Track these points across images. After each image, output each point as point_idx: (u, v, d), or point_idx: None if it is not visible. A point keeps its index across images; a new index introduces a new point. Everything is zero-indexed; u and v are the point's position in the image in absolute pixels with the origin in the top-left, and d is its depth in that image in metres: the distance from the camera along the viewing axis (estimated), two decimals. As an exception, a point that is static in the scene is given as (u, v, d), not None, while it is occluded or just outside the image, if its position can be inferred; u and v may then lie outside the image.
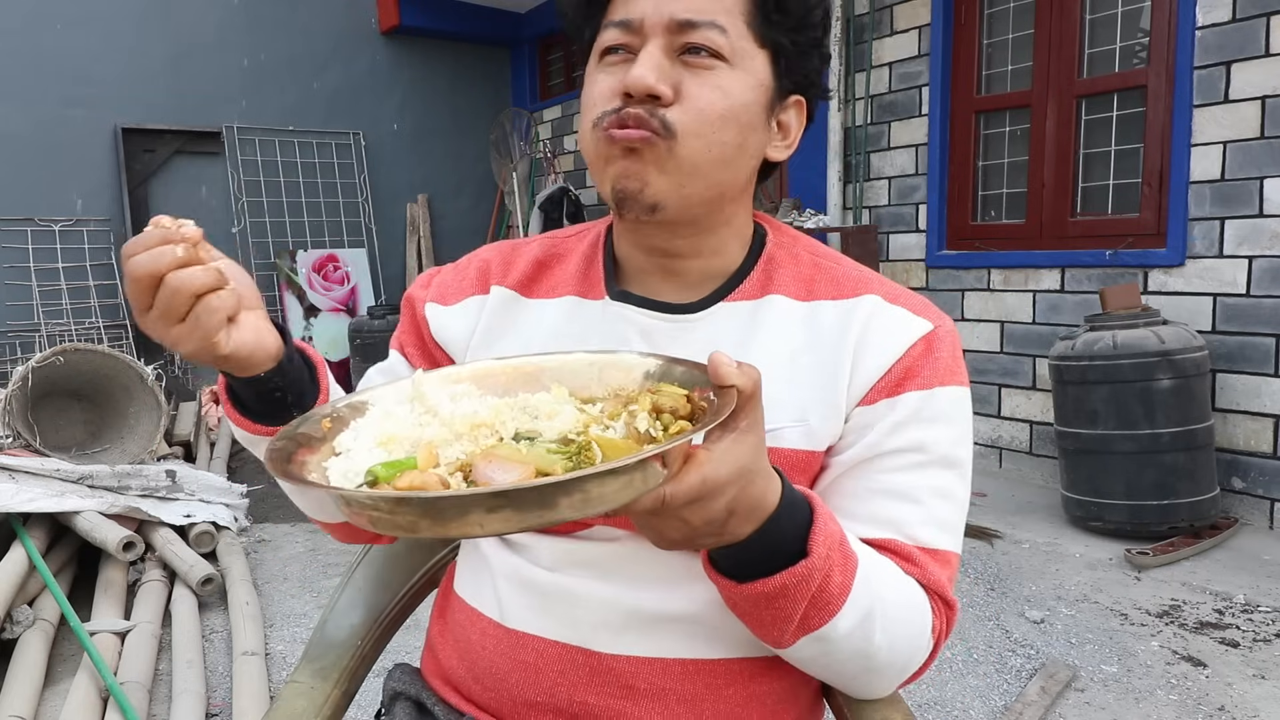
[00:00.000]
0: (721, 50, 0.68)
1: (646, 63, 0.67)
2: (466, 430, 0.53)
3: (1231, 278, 3.02)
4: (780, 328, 0.73)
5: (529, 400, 0.58)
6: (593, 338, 0.76)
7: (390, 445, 0.53)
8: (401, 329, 0.86)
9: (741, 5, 0.69)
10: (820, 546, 0.59)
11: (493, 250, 0.86)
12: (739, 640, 0.72)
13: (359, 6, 5.86)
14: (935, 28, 3.85)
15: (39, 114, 4.84)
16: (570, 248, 0.83)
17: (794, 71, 0.73)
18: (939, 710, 1.94)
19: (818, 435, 0.71)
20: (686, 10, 0.67)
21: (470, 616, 0.79)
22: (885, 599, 0.65)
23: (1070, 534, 3.01)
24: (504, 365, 0.64)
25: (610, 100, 0.69)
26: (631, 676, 0.71)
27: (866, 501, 0.70)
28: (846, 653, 0.65)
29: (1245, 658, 2.12)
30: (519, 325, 0.80)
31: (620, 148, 0.68)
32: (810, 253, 0.79)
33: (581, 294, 0.79)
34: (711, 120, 0.68)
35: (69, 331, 4.88)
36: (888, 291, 0.75)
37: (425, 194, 6.21)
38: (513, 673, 0.74)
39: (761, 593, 0.59)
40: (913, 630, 0.67)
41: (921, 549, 0.69)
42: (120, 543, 2.45)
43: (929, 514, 0.70)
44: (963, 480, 0.72)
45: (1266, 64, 2.89)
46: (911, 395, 0.70)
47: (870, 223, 4.20)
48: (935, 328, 0.73)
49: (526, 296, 0.81)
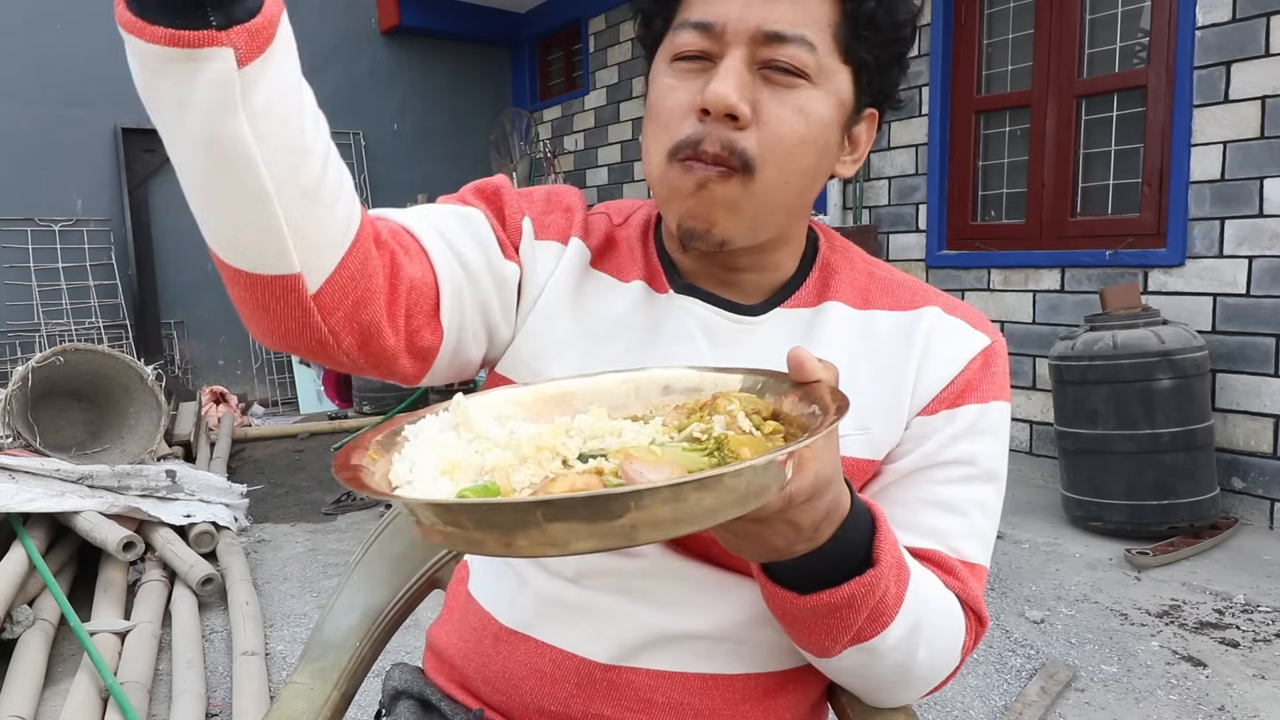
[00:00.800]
0: (807, 69, 0.63)
1: (728, 78, 0.62)
2: (531, 453, 0.49)
3: (1231, 278, 3.02)
4: (838, 334, 0.72)
5: (568, 424, 0.54)
6: (659, 330, 0.72)
7: (455, 474, 0.49)
8: (493, 210, 0.73)
9: (831, 17, 0.64)
10: (886, 555, 0.58)
11: (574, 196, 0.79)
12: (759, 657, 0.72)
13: (359, 6, 5.86)
14: (935, 28, 3.84)
15: (39, 114, 4.84)
16: (622, 236, 0.78)
17: (874, 86, 0.69)
18: (939, 710, 1.94)
19: (879, 444, 0.70)
20: (776, 21, 0.62)
21: (484, 619, 0.78)
22: (932, 611, 0.64)
23: (1070, 534, 3.01)
24: (530, 392, 0.61)
25: (685, 121, 0.64)
26: (649, 690, 0.70)
27: (915, 510, 0.70)
28: (889, 664, 0.64)
29: (1245, 658, 2.12)
30: (588, 297, 0.74)
31: (694, 181, 0.64)
32: (864, 261, 0.78)
33: (649, 281, 0.75)
34: (789, 146, 0.64)
35: (69, 331, 4.88)
36: (945, 303, 0.74)
37: (425, 194, 6.20)
38: (527, 680, 0.73)
39: (828, 604, 0.58)
40: (950, 643, 0.67)
41: (963, 562, 0.69)
42: (120, 543, 2.45)
43: (971, 527, 0.70)
44: (999, 494, 0.72)
45: (1266, 64, 2.89)
46: (970, 408, 0.70)
47: (870, 223, 4.20)
48: (992, 342, 0.73)
49: (595, 267, 0.76)
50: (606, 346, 0.72)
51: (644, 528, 0.40)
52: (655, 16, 0.70)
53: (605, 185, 5.93)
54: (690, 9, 0.66)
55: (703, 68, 0.65)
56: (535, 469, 0.48)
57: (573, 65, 6.24)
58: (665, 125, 0.66)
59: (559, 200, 0.77)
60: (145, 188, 5.21)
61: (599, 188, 5.97)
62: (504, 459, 0.49)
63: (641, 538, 0.40)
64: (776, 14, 0.62)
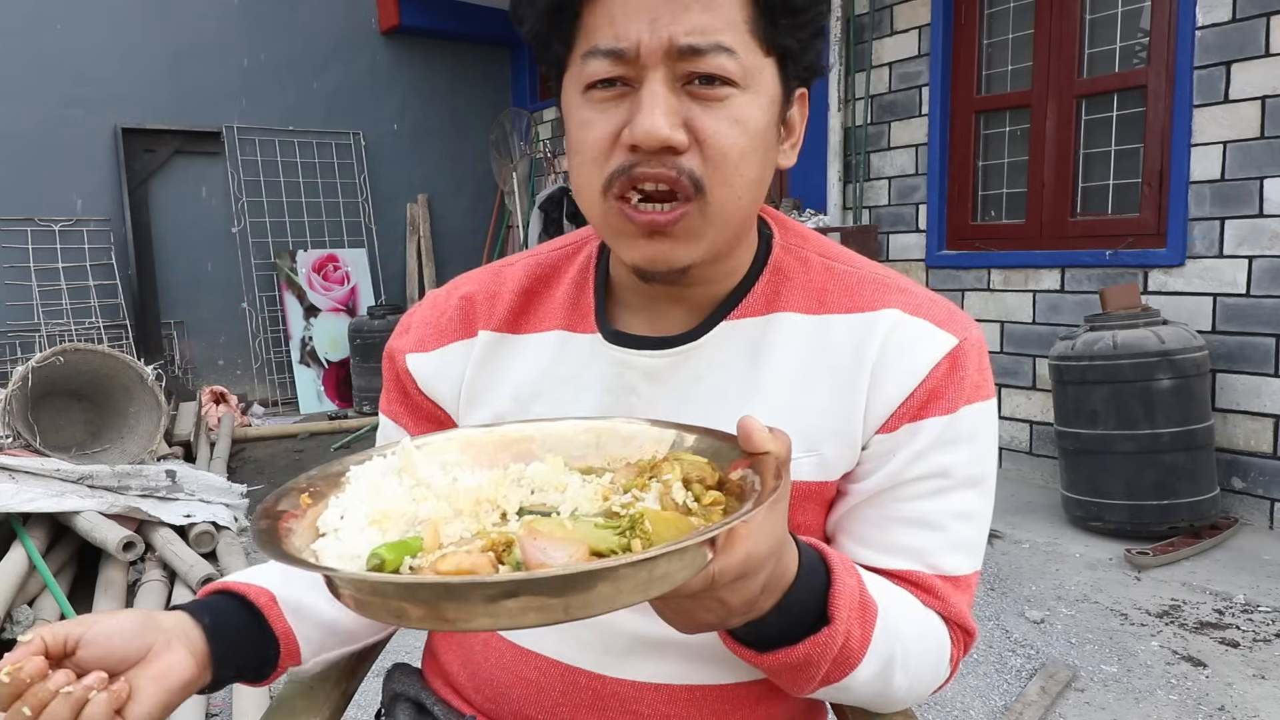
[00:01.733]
0: (733, 76, 0.59)
1: (654, 108, 0.58)
2: (468, 506, 0.49)
3: (1231, 278, 3.02)
4: (789, 347, 0.68)
5: (522, 472, 0.54)
6: (586, 377, 0.71)
7: (384, 524, 0.48)
8: (386, 391, 0.80)
9: (744, 12, 0.60)
10: (842, 610, 0.57)
11: (474, 283, 0.78)
12: (745, 666, 0.70)
13: (359, 6, 5.86)
14: (935, 28, 3.84)
15: (39, 114, 4.84)
16: (560, 269, 0.76)
17: (799, 67, 0.65)
18: (939, 710, 1.94)
19: (831, 465, 0.67)
20: (687, 33, 0.58)
21: None
22: (906, 641, 0.63)
23: (1070, 534, 3.01)
24: (489, 434, 0.59)
25: (612, 152, 0.60)
26: (635, 701, 0.70)
27: (887, 530, 0.67)
28: (867, 693, 0.64)
29: (1245, 658, 2.12)
30: (509, 369, 0.74)
31: (641, 228, 0.61)
32: (821, 255, 0.72)
33: (569, 327, 0.73)
34: (735, 162, 0.60)
35: (69, 331, 4.88)
36: (908, 301, 0.68)
37: (425, 194, 6.21)
38: (514, 688, 0.73)
39: (785, 662, 0.58)
40: (932, 663, 0.67)
41: (943, 578, 0.67)
42: (120, 543, 2.45)
43: (951, 540, 0.67)
44: (985, 496, 0.69)
45: (1266, 64, 2.89)
46: (935, 421, 0.65)
47: (870, 223, 4.20)
48: (960, 341, 0.67)
49: (514, 333, 0.75)
50: (533, 405, 0.72)
51: (533, 612, 0.39)
52: (553, 41, 0.64)
53: (605, 185, 5.93)
54: (594, 34, 0.60)
55: (620, 94, 0.60)
56: (471, 521, 0.48)
57: (573, 65, 6.24)
58: (592, 159, 0.62)
59: (453, 296, 0.78)
60: (145, 188, 5.20)
61: (599, 188, 5.97)
62: (439, 510, 0.49)
63: (530, 621, 0.39)
64: (688, 24, 0.58)
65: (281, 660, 0.71)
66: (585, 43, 0.61)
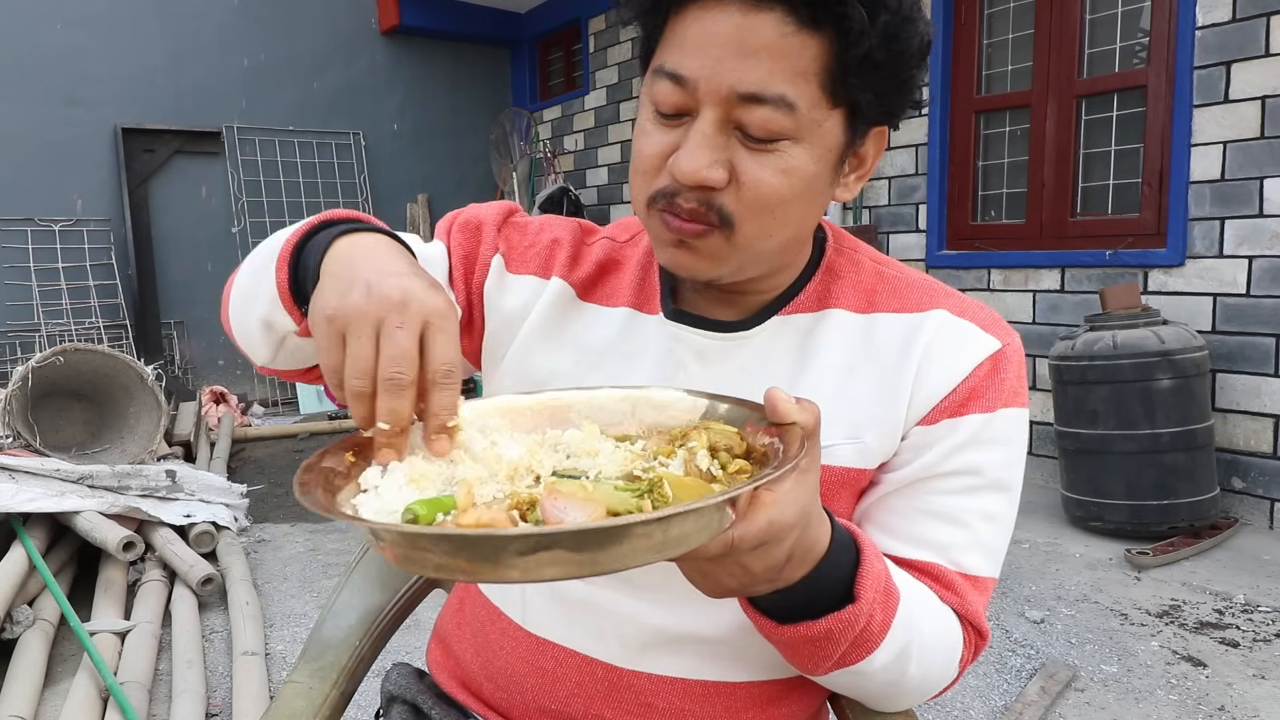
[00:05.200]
0: (785, 133, 0.59)
1: (698, 149, 0.59)
2: (503, 469, 0.51)
3: (1231, 278, 3.02)
4: (837, 342, 0.70)
5: (559, 438, 0.56)
6: (648, 355, 0.73)
7: (421, 482, 0.50)
8: (461, 244, 0.79)
9: (817, 64, 0.58)
10: (868, 590, 0.58)
11: (566, 229, 0.80)
12: (761, 664, 0.71)
13: (359, 6, 5.86)
14: (935, 28, 3.84)
15: (39, 114, 4.83)
16: (627, 255, 0.79)
17: (874, 114, 0.64)
18: (939, 710, 1.94)
19: (871, 453, 0.68)
20: (751, 83, 0.57)
21: (491, 614, 0.78)
22: (923, 633, 0.64)
23: (1070, 534, 3.01)
24: (530, 400, 0.61)
25: (662, 172, 0.63)
26: (651, 695, 0.70)
27: (914, 522, 0.68)
28: (878, 682, 0.65)
29: (1245, 658, 2.12)
30: (574, 330, 0.76)
31: (672, 236, 0.64)
32: (873, 261, 0.75)
33: (637, 306, 0.75)
34: (770, 205, 0.61)
35: (69, 331, 4.88)
36: (955, 305, 0.71)
37: (425, 194, 6.21)
38: (529, 677, 0.73)
39: (804, 635, 0.58)
40: (944, 660, 0.67)
41: (963, 576, 0.68)
42: (120, 543, 2.45)
43: (975, 539, 0.68)
44: (1011, 503, 0.70)
45: (1266, 64, 2.89)
46: (974, 417, 0.67)
47: (870, 223, 4.20)
48: (1003, 346, 0.69)
49: (584, 299, 0.77)
50: (591, 375, 0.73)
51: (548, 565, 0.41)
52: (644, 22, 0.66)
53: (605, 185, 5.93)
54: (667, 50, 0.62)
55: (678, 121, 0.62)
56: (506, 483, 0.50)
57: (573, 65, 6.24)
58: (643, 172, 0.65)
59: (547, 233, 0.79)
60: (145, 188, 5.20)
61: (598, 188, 5.97)
62: (474, 471, 0.51)
63: (547, 574, 0.41)
64: (752, 74, 0.57)
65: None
66: (661, 54, 0.63)
